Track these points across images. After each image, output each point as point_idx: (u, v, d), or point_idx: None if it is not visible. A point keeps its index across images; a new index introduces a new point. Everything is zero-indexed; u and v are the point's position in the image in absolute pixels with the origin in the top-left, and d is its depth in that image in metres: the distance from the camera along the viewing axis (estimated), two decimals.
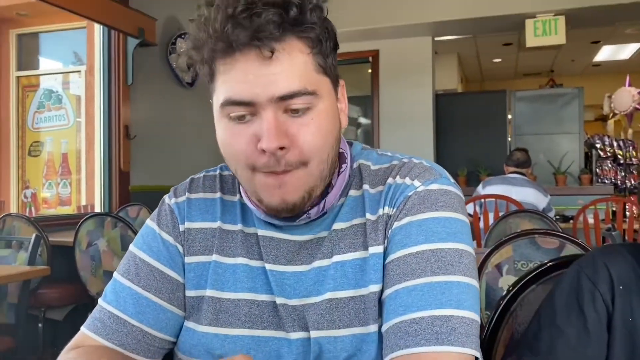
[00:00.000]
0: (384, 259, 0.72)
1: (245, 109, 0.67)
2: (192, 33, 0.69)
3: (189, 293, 0.78)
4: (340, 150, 0.77)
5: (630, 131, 5.73)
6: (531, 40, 4.80)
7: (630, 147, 5.28)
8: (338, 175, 0.76)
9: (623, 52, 8.11)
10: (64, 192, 5.04)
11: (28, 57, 5.31)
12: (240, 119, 0.68)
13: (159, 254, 0.79)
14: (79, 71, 5.02)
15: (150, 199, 3.73)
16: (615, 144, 5.29)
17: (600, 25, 5.93)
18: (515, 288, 1.06)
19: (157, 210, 0.84)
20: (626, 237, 3.41)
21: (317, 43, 0.68)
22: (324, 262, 0.74)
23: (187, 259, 0.79)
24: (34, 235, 2.33)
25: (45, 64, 5.41)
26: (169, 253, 0.79)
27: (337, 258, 0.73)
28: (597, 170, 5.25)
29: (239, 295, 0.75)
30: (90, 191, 4.63)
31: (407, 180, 0.74)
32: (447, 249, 0.69)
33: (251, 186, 0.72)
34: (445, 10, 4.95)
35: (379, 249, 0.72)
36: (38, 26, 5.18)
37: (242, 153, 0.69)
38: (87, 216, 3.00)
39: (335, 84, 0.74)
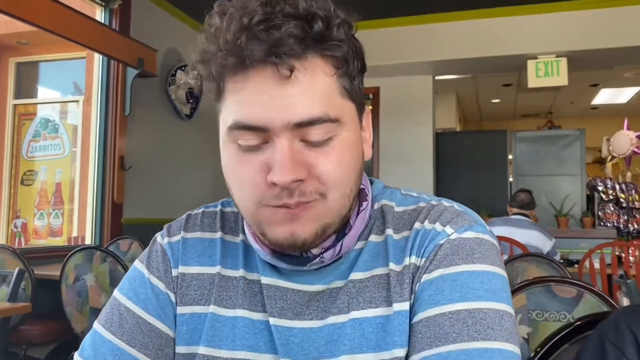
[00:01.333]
0: (411, 318, 0.61)
1: (256, 134, 0.57)
2: (200, 44, 0.59)
3: (180, 349, 0.67)
4: (361, 187, 0.67)
5: (629, 174, 5.67)
6: (533, 81, 4.77)
7: (633, 191, 5.20)
8: (357, 214, 0.66)
9: (621, 95, 8.15)
10: (55, 222, 4.92)
11: (26, 85, 5.27)
12: (251, 149, 0.58)
13: (147, 302, 0.68)
14: (77, 101, 4.97)
15: (143, 232, 3.62)
16: (617, 187, 5.22)
17: (600, 69, 5.95)
18: (544, 349, 0.96)
19: (147, 250, 0.73)
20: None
21: (343, 63, 0.59)
22: (340, 319, 0.63)
23: (180, 310, 0.68)
24: (17, 270, 2.21)
25: (44, 92, 5.37)
26: (159, 302, 0.68)
27: (355, 314, 0.62)
28: (600, 213, 5.16)
29: (238, 354, 0.64)
30: (82, 222, 4.51)
31: (438, 226, 0.63)
32: (487, 309, 0.57)
33: (255, 220, 0.61)
34: (447, 50, 4.94)
35: (405, 305, 0.61)
36: (38, 55, 5.16)
37: (249, 183, 0.59)
38: (75, 249, 2.88)
39: (360, 110, 0.64)
